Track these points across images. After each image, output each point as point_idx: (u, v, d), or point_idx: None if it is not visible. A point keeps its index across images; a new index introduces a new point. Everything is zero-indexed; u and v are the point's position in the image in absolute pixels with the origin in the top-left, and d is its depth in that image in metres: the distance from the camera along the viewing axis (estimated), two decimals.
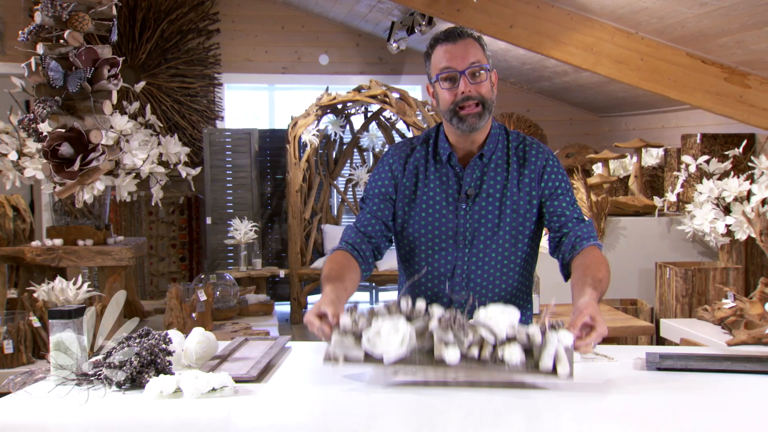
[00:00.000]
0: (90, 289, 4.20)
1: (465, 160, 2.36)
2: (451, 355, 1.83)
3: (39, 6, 3.14)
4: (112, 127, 3.84)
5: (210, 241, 7.77)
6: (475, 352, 1.84)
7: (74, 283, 4.15)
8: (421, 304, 1.98)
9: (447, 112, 2.28)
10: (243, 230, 7.16)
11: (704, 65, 5.04)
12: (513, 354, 1.83)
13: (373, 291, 8.56)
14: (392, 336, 1.84)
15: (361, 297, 8.76)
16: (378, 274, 7.47)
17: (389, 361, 1.84)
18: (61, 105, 3.22)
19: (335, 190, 8.47)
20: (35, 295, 4.11)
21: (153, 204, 4.87)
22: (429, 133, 2.44)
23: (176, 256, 8.19)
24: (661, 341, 4.71)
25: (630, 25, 5.00)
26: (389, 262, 7.46)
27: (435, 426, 1.70)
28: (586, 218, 2.38)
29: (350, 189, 8.45)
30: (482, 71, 2.25)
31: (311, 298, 8.28)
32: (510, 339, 1.86)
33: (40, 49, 3.22)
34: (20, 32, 3.25)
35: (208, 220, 7.75)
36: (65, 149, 3.06)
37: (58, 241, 4.58)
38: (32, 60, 3.19)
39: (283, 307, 8.02)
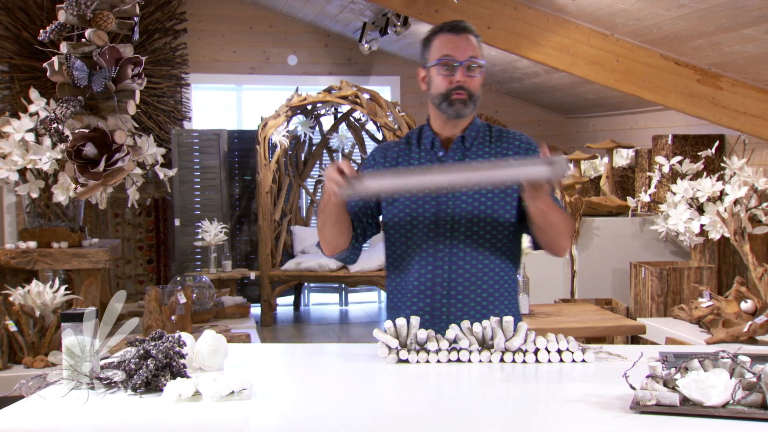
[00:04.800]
0: (67, 292, 4.12)
1: (447, 145, 2.44)
2: None
3: (63, 4, 3.07)
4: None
5: (178, 243, 7.67)
6: None
7: (51, 287, 4.06)
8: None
9: (438, 96, 2.38)
10: (213, 232, 7.08)
11: (677, 67, 5.11)
12: None
13: (343, 292, 8.53)
14: (712, 379, 1.68)
15: (331, 298, 8.73)
16: (349, 276, 7.45)
17: (710, 404, 1.66)
18: (83, 105, 3.17)
19: (304, 192, 8.43)
20: (11, 298, 4.01)
21: (129, 206, 4.79)
22: (412, 131, 2.54)
23: (143, 259, 8.08)
24: (636, 340, 4.76)
25: (606, 26, 5.05)
26: (360, 263, 7.44)
27: (452, 424, 1.69)
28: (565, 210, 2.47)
29: (320, 190, 8.41)
30: (477, 67, 2.36)
31: (281, 300, 8.23)
32: None
33: (63, 48, 3.15)
34: (41, 31, 3.17)
35: (177, 222, 7.65)
36: (89, 149, 3.00)
37: (32, 244, 4.48)
38: (55, 59, 3.12)
39: (253, 309, 7.95)
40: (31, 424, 1.69)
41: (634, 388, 1.72)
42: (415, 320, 2.15)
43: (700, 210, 4.99)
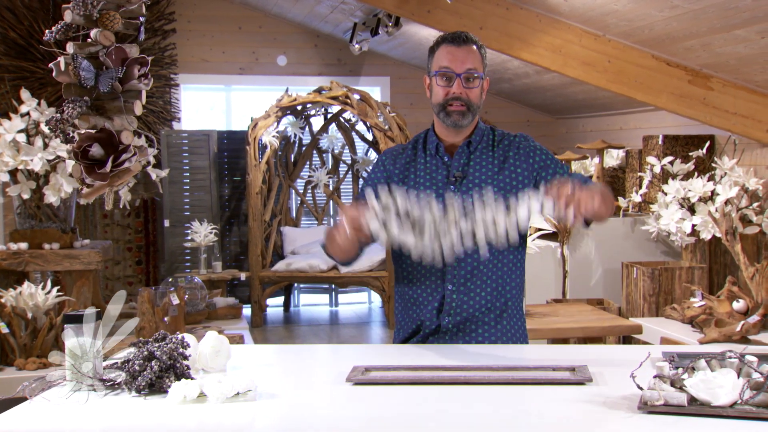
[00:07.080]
0: (59, 294, 4.09)
1: (452, 150, 2.50)
2: None
3: (70, 4, 3.05)
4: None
5: (168, 244, 7.64)
6: None
7: (42, 288, 4.03)
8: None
9: (437, 105, 2.46)
10: (203, 233, 7.05)
11: (669, 67, 5.13)
12: None
13: (333, 293, 8.52)
14: (720, 379, 1.68)
15: (321, 299, 8.71)
16: (339, 276, 7.44)
17: (718, 404, 1.65)
18: (90, 105, 3.15)
19: (294, 192, 8.41)
20: (3, 300, 3.98)
21: (121, 206, 4.77)
22: (418, 136, 2.60)
23: (132, 260, 8.04)
24: (627, 340, 4.77)
25: (598, 27, 5.07)
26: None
27: (454, 424, 1.68)
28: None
29: (309, 191, 8.40)
30: (476, 78, 2.43)
31: (271, 301, 8.21)
32: None
33: (69, 48, 3.12)
34: (47, 31, 3.14)
35: (166, 223, 7.62)
36: (96, 150, 2.98)
37: (23, 245, 4.45)
38: (61, 59, 3.10)
39: (243, 310, 7.92)
40: (36, 426, 1.68)
41: (641, 389, 1.72)
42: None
43: (692, 210, 5.02)
